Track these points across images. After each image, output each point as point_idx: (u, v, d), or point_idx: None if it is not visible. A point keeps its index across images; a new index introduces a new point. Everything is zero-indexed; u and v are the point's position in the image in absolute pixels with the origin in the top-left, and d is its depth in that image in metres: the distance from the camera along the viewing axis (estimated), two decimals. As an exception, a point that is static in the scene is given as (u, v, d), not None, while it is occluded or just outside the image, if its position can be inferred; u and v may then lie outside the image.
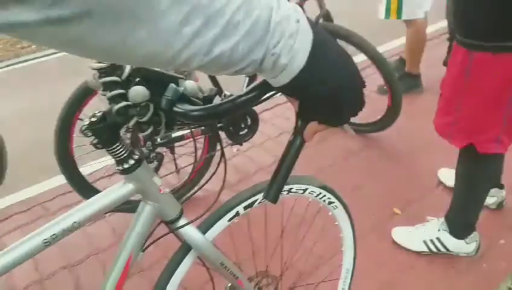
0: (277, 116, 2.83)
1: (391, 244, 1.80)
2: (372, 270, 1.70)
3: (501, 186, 1.91)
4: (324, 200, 1.10)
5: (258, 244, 1.23)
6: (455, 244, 1.69)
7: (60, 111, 1.82)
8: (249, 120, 2.04)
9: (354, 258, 1.29)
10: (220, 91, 1.95)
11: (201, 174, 2.17)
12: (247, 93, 0.56)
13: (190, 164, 2.22)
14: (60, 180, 2.32)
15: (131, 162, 0.73)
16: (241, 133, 2.07)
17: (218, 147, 0.81)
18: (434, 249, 1.71)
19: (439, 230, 1.71)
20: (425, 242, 1.73)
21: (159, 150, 2.05)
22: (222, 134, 2.08)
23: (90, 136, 0.67)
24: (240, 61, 0.44)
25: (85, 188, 1.97)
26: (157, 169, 2.00)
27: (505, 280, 1.62)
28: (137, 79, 0.66)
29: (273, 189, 0.60)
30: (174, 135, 2.00)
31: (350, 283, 1.33)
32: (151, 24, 0.37)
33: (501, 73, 1.27)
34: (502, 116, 1.36)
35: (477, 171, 1.56)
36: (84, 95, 1.81)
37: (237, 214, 0.94)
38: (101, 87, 0.68)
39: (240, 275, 0.94)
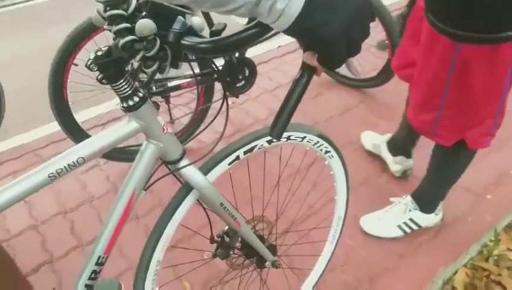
0: (273, 70, 2.80)
1: (381, 195, 1.85)
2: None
3: None
4: (321, 149, 1.11)
5: (254, 193, 1.25)
6: (426, 220, 1.67)
7: (53, 56, 1.77)
8: (247, 71, 2.02)
9: (346, 207, 1.32)
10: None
11: (195, 126, 2.17)
12: (253, 26, 0.55)
13: (185, 115, 2.21)
14: (52, 127, 2.30)
15: (136, 99, 0.72)
16: (238, 84, 2.05)
17: (218, 97, 0.81)
18: (408, 231, 1.67)
19: (410, 210, 1.66)
20: (399, 227, 1.66)
21: (154, 99, 2.04)
22: (217, 86, 2.06)
23: (95, 70, 0.66)
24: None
25: (79, 135, 1.95)
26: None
27: (487, 233, 1.70)
28: (144, 13, 0.65)
29: (278, 126, 0.60)
30: (170, 84, 1.97)
31: (341, 230, 1.37)
32: None
33: (500, 66, 1.09)
34: (497, 106, 1.20)
35: (456, 162, 1.47)
36: (78, 40, 1.76)
37: (237, 158, 0.95)
38: (106, 22, 0.66)
39: (238, 216, 0.96)
